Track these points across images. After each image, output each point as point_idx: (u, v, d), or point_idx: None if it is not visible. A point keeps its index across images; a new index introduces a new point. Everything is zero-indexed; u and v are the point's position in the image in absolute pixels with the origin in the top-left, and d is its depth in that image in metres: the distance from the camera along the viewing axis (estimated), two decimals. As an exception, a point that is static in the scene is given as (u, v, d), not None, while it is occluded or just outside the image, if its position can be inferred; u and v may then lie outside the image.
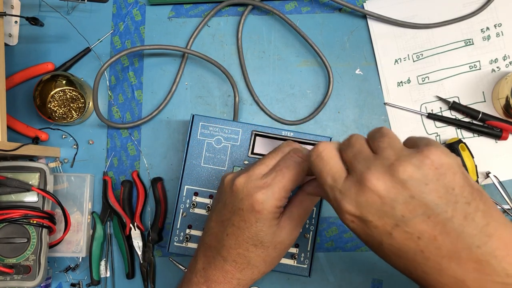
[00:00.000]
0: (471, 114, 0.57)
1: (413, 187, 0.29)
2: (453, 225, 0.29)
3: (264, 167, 0.39)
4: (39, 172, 0.52)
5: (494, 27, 0.58)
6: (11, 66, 0.59)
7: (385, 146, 0.32)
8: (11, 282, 0.50)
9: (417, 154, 0.30)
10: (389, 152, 0.31)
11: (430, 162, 0.29)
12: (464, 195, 0.29)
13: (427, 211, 0.29)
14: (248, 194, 0.38)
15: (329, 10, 0.60)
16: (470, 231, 0.29)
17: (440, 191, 0.29)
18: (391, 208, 0.30)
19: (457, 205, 0.29)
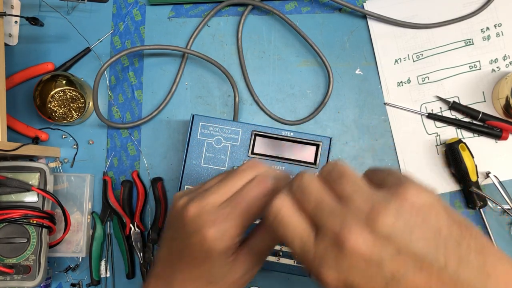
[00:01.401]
0: (471, 114, 0.57)
1: (397, 239, 0.25)
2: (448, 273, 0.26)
3: (218, 196, 0.34)
4: (39, 172, 0.52)
5: (494, 27, 0.58)
6: (11, 66, 0.59)
7: (350, 191, 0.27)
8: (11, 282, 0.50)
9: (393, 198, 0.26)
10: (358, 200, 0.27)
11: (410, 206, 0.26)
12: (454, 236, 0.26)
13: (418, 262, 0.25)
14: (198, 229, 0.33)
15: (329, 10, 0.60)
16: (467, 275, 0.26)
17: (427, 236, 0.26)
18: (378, 268, 0.26)
19: (448, 250, 0.26)
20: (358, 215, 0.26)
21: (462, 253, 0.26)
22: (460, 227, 0.26)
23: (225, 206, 0.33)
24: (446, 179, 0.58)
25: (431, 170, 0.58)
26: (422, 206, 0.26)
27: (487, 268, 0.26)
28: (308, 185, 0.29)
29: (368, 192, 0.27)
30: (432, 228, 0.26)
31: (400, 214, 0.26)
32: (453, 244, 0.26)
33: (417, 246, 0.25)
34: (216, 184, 0.35)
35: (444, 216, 0.26)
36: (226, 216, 0.33)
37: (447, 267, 0.25)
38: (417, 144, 0.58)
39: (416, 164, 0.58)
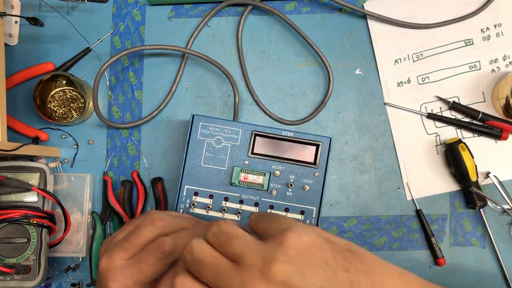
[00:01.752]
0: (471, 114, 0.57)
1: (292, 284, 0.27)
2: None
3: (123, 252, 0.38)
4: (39, 172, 0.52)
5: (494, 27, 0.58)
6: (11, 66, 0.59)
7: (241, 250, 0.29)
8: (11, 282, 0.50)
9: (279, 248, 0.28)
10: (250, 257, 0.28)
11: (295, 251, 0.28)
12: (340, 264, 0.28)
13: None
14: (105, 282, 0.38)
15: (329, 10, 0.60)
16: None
17: (318, 273, 0.28)
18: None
19: (339, 278, 0.28)
20: (253, 272, 0.27)
21: (351, 277, 0.28)
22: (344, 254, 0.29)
23: (127, 266, 0.38)
24: (446, 179, 0.58)
25: (431, 170, 0.58)
26: (306, 247, 0.28)
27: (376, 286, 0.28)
28: (201, 256, 0.30)
29: (257, 247, 0.29)
30: (319, 264, 0.28)
31: (289, 260, 0.27)
32: (342, 272, 0.28)
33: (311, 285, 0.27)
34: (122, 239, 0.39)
35: (328, 249, 0.29)
36: (126, 276, 0.37)
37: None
38: (417, 144, 0.58)
39: (416, 164, 0.58)
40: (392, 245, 0.58)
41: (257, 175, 0.50)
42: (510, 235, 0.57)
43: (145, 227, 0.39)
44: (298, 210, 0.50)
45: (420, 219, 0.57)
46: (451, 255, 0.57)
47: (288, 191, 0.51)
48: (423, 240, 0.58)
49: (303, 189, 0.50)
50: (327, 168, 0.51)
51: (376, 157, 0.58)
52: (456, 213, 0.58)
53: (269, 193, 0.51)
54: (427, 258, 0.58)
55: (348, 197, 0.58)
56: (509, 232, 0.57)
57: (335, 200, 0.58)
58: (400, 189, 0.58)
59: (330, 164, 0.58)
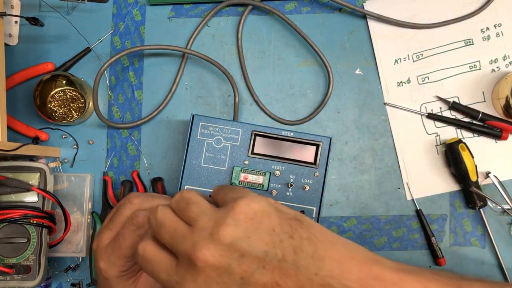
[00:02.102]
0: (471, 114, 0.57)
1: (238, 246, 0.29)
2: (287, 264, 0.29)
3: (109, 232, 0.41)
4: (39, 172, 0.52)
5: (494, 27, 0.58)
6: (11, 66, 0.59)
7: (195, 214, 0.31)
8: (11, 282, 0.50)
9: (229, 213, 0.30)
10: (203, 220, 0.31)
11: (243, 216, 0.30)
12: (285, 231, 0.30)
13: (261, 262, 0.29)
14: (96, 261, 0.41)
15: (329, 10, 0.60)
16: (304, 262, 0.29)
17: (264, 238, 0.30)
18: (229, 275, 0.29)
19: (283, 243, 0.30)
20: (204, 233, 0.30)
21: (295, 244, 0.30)
22: (291, 222, 0.31)
23: (109, 245, 0.40)
24: (446, 179, 0.58)
25: (431, 170, 0.58)
26: (254, 214, 0.30)
27: (319, 252, 0.30)
28: (162, 219, 0.33)
29: (210, 212, 0.31)
30: (265, 230, 0.30)
31: (237, 225, 0.30)
32: (287, 238, 0.30)
33: (256, 248, 0.29)
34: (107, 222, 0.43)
35: (275, 216, 0.31)
36: (111, 251, 0.40)
37: (286, 259, 0.29)
38: (417, 144, 0.58)
39: (416, 164, 0.58)
40: (392, 245, 0.58)
41: (257, 175, 0.50)
42: (510, 235, 0.57)
43: (124, 206, 0.42)
44: (298, 210, 0.50)
45: (420, 219, 0.57)
46: (451, 255, 0.57)
47: (288, 191, 0.51)
48: (423, 240, 0.58)
49: (303, 189, 0.50)
50: (327, 168, 0.51)
51: (376, 157, 0.58)
52: (456, 213, 0.58)
53: (269, 193, 0.51)
54: (427, 258, 0.58)
55: (348, 197, 0.58)
56: (509, 232, 0.57)
57: (335, 200, 0.58)
58: (400, 189, 0.58)
59: (330, 164, 0.58)
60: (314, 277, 0.29)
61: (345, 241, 0.32)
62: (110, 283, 0.41)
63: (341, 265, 0.30)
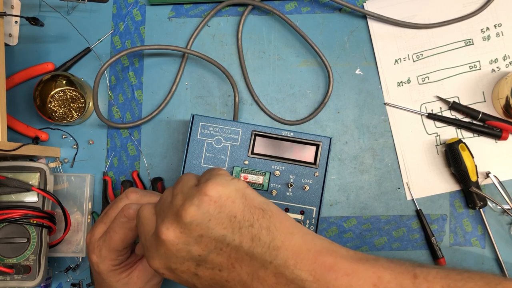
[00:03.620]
0: (471, 114, 0.57)
1: (198, 226, 0.31)
2: (244, 250, 0.31)
3: (102, 225, 0.42)
4: (39, 172, 0.52)
5: (494, 27, 0.58)
6: (11, 66, 0.59)
7: (177, 192, 0.34)
8: (11, 282, 0.50)
9: (196, 193, 0.32)
10: (178, 198, 0.33)
11: (208, 198, 0.31)
12: (246, 219, 0.31)
13: (218, 244, 0.31)
14: (89, 255, 0.42)
15: (329, 10, 0.60)
16: (260, 251, 0.30)
17: (224, 222, 0.31)
18: (187, 252, 0.31)
19: (242, 230, 0.31)
20: (173, 210, 0.32)
21: (254, 232, 0.31)
22: (254, 211, 0.32)
23: (100, 238, 0.41)
24: (446, 179, 0.58)
25: (431, 170, 0.58)
26: (219, 197, 0.31)
27: (276, 243, 0.31)
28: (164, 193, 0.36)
29: (187, 190, 0.33)
30: (228, 215, 0.31)
31: (200, 206, 0.31)
32: (246, 226, 0.31)
33: (215, 231, 0.31)
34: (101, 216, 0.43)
35: (240, 203, 0.32)
36: (102, 244, 0.40)
37: (242, 245, 0.31)
38: (417, 144, 0.58)
39: (416, 164, 0.58)
40: (392, 245, 0.58)
41: (257, 175, 0.50)
42: (510, 235, 0.57)
43: (120, 200, 0.43)
44: (298, 210, 0.50)
45: (420, 219, 0.57)
46: (451, 255, 0.57)
47: (288, 191, 0.51)
48: (423, 240, 0.58)
49: (303, 189, 0.50)
50: (327, 168, 0.51)
51: (376, 157, 0.58)
52: (456, 213, 0.58)
53: (269, 193, 0.51)
54: (427, 258, 0.58)
55: (348, 197, 0.58)
56: (509, 232, 0.57)
57: (335, 200, 0.58)
58: (400, 189, 0.58)
59: (330, 164, 0.58)
60: (268, 265, 0.30)
61: (304, 231, 0.33)
62: (103, 276, 0.41)
63: (295, 255, 0.30)
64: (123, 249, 0.41)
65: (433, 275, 0.30)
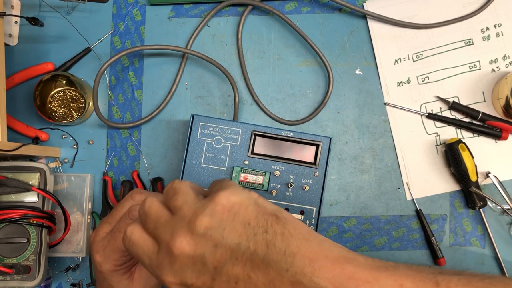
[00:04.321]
0: (471, 114, 0.57)
1: (213, 236, 0.30)
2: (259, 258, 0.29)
3: (107, 225, 0.42)
4: (39, 172, 0.52)
5: (494, 27, 0.58)
6: (11, 66, 0.59)
7: (180, 204, 0.32)
8: (11, 282, 0.50)
9: (208, 203, 0.31)
10: (185, 209, 0.32)
11: (221, 207, 0.31)
12: (261, 225, 0.31)
13: (234, 254, 0.30)
14: (92, 255, 0.41)
15: (329, 10, 0.60)
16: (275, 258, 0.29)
17: (238, 230, 0.30)
18: (202, 264, 0.30)
19: (257, 237, 0.30)
20: (183, 222, 0.31)
21: (268, 238, 0.30)
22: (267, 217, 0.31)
23: (105, 238, 0.41)
24: (446, 179, 0.58)
25: (431, 170, 0.58)
26: (232, 206, 0.31)
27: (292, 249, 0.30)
28: (148, 209, 0.34)
29: (193, 202, 0.32)
30: (241, 222, 0.30)
31: (213, 215, 0.30)
32: (261, 232, 0.30)
33: (230, 239, 0.30)
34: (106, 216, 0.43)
35: (253, 209, 0.31)
36: (106, 244, 0.40)
37: (258, 253, 0.30)
38: (417, 144, 0.58)
39: (416, 164, 0.58)
40: (392, 245, 0.58)
41: (257, 175, 0.50)
42: (510, 235, 0.57)
43: (125, 201, 0.43)
44: (298, 210, 0.50)
45: (420, 219, 0.57)
46: (451, 255, 0.57)
47: (288, 191, 0.51)
48: (423, 240, 0.58)
49: (303, 189, 0.50)
50: (327, 168, 0.51)
51: (376, 157, 0.58)
52: (456, 213, 0.58)
53: (269, 193, 0.51)
54: (427, 258, 0.58)
55: (348, 197, 0.58)
56: (509, 232, 0.57)
57: (335, 200, 0.58)
58: (400, 189, 0.58)
59: (330, 164, 0.58)
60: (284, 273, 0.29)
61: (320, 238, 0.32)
62: (105, 276, 0.41)
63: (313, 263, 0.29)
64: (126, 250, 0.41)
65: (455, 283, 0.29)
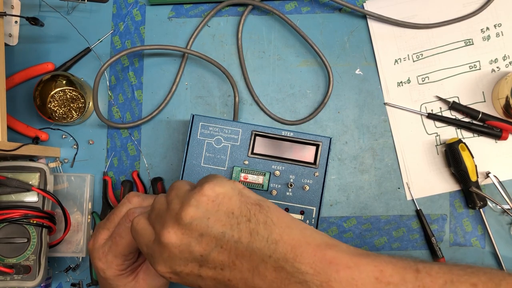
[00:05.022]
0: (471, 114, 0.57)
1: (198, 226, 0.31)
2: (243, 246, 0.31)
3: (105, 231, 0.42)
4: (39, 172, 0.52)
5: (494, 27, 0.58)
6: (11, 66, 0.59)
7: (172, 197, 0.35)
8: (11, 282, 0.50)
9: (194, 195, 0.33)
10: (175, 202, 0.34)
11: (206, 198, 0.32)
12: (244, 214, 0.32)
13: (218, 242, 0.31)
14: (94, 262, 0.41)
15: (329, 10, 0.60)
16: (258, 245, 0.31)
17: (222, 219, 0.32)
18: (190, 253, 0.32)
19: (240, 226, 0.31)
20: (172, 213, 0.33)
21: (251, 227, 0.32)
22: (250, 207, 0.32)
23: (105, 244, 0.41)
24: (446, 179, 0.58)
25: (431, 170, 0.58)
26: (216, 196, 0.33)
27: (274, 236, 0.31)
28: (156, 203, 0.36)
29: (183, 194, 0.34)
30: (225, 212, 0.32)
31: (198, 206, 0.32)
32: (244, 221, 0.32)
33: (214, 229, 0.31)
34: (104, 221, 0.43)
35: (236, 200, 0.33)
36: (108, 250, 0.40)
37: (241, 241, 0.31)
38: (417, 144, 0.58)
39: (416, 164, 0.58)
40: (392, 245, 0.58)
41: (257, 175, 0.50)
42: (510, 235, 0.57)
43: (122, 205, 0.43)
44: (298, 210, 0.50)
45: (420, 219, 0.57)
46: (451, 255, 0.57)
47: (288, 191, 0.51)
48: (423, 240, 0.58)
49: (303, 189, 0.50)
50: (327, 168, 0.51)
51: (376, 157, 0.58)
52: (456, 213, 0.58)
53: (269, 193, 0.51)
54: (427, 258, 0.58)
55: (348, 197, 0.58)
56: (509, 232, 0.57)
57: (335, 200, 0.58)
58: (400, 189, 0.58)
59: (330, 164, 0.58)
60: (268, 259, 0.30)
61: (302, 226, 0.33)
62: (110, 282, 0.41)
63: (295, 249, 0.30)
64: (129, 254, 0.40)
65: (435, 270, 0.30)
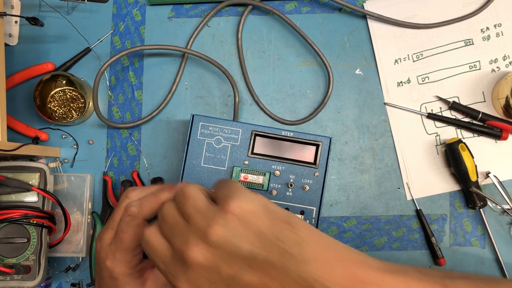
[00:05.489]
0: (471, 114, 0.57)
1: (227, 246, 0.30)
2: (274, 266, 0.30)
3: (110, 231, 0.41)
4: (39, 172, 0.52)
5: (494, 27, 0.58)
6: (11, 66, 0.59)
7: (191, 211, 0.32)
8: (11, 282, 0.50)
9: (220, 213, 0.31)
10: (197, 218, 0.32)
11: (233, 216, 0.31)
12: (274, 233, 0.31)
13: (248, 262, 0.30)
14: (101, 263, 0.40)
15: (329, 10, 0.60)
16: (289, 265, 0.30)
17: (251, 239, 0.30)
18: (218, 273, 0.30)
19: (270, 245, 0.30)
20: (196, 231, 0.31)
21: (282, 246, 0.30)
22: (280, 225, 0.31)
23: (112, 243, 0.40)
24: (446, 179, 0.58)
25: (431, 170, 0.58)
26: (243, 215, 0.31)
27: (305, 255, 0.30)
28: (166, 215, 0.34)
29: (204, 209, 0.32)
30: (254, 231, 0.30)
31: (226, 225, 0.30)
32: (275, 241, 0.30)
33: (244, 248, 0.30)
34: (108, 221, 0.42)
35: (265, 219, 0.31)
36: (114, 248, 0.39)
37: (272, 261, 0.30)
38: (417, 144, 0.58)
39: (416, 164, 0.58)
40: (392, 245, 0.58)
41: (257, 175, 0.50)
42: (510, 235, 0.57)
43: (122, 202, 0.42)
44: (298, 210, 0.50)
45: (420, 219, 0.57)
46: (451, 255, 0.57)
47: (288, 191, 0.51)
48: (423, 240, 0.58)
49: (303, 189, 0.50)
50: (327, 168, 0.51)
51: (376, 157, 0.58)
52: (456, 213, 0.58)
53: (269, 193, 0.51)
54: (427, 258, 0.58)
55: (348, 197, 0.58)
56: (509, 232, 0.57)
57: (335, 200, 0.58)
58: (400, 189, 0.58)
59: (330, 164, 0.58)
60: (299, 279, 0.29)
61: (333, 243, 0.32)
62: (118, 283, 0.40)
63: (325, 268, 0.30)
64: (135, 248, 0.40)
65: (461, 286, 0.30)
